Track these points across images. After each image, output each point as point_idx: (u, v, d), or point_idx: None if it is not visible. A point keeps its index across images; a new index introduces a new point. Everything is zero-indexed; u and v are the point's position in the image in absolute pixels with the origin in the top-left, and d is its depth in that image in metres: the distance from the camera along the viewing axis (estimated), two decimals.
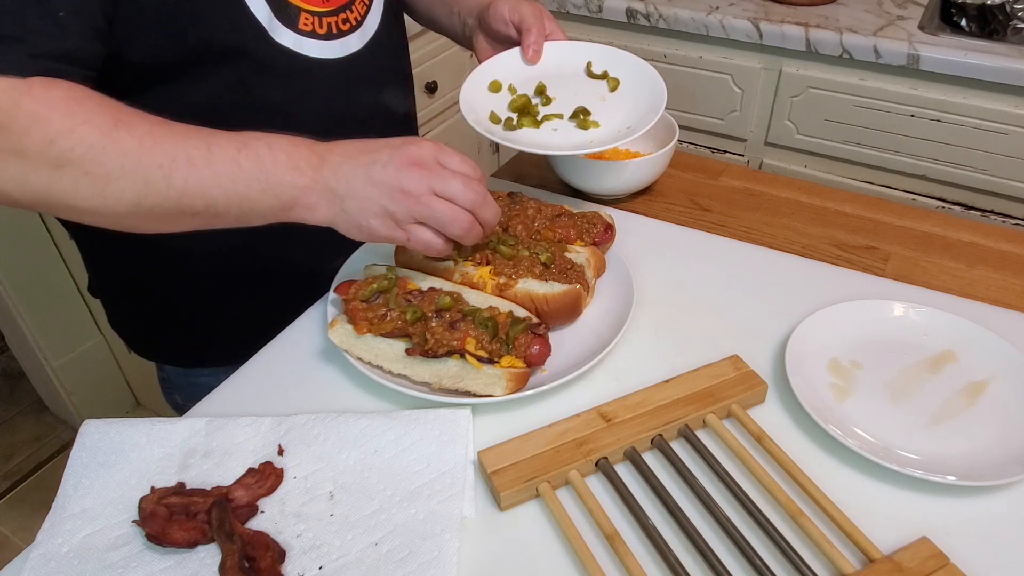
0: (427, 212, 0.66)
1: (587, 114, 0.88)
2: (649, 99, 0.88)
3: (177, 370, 0.99)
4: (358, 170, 0.65)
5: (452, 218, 0.67)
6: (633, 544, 0.59)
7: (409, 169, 0.65)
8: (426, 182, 0.66)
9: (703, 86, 1.72)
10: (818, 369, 0.74)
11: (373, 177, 0.65)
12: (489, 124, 0.86)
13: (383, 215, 0.66)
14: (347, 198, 0.65)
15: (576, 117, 0.88)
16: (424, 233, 0.67)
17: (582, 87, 0.92)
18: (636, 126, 0.85)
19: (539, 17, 0.90)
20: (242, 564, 0.56)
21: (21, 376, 2.12)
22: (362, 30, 0.83)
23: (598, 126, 0.87)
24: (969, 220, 1.00)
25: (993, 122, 1.47)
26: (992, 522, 0.61)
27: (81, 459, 0.65)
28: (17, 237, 1.71)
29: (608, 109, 0.89)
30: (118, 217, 0.63)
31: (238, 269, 0.88)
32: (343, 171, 0.65)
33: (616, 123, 0.87)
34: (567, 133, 0.87)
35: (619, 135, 0.84)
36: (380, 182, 0.65)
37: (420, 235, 0.67)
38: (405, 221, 0.66)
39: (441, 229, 0.68)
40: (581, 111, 0.88)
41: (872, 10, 1.61)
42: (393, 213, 0.66)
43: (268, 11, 0.73)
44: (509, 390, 0.69)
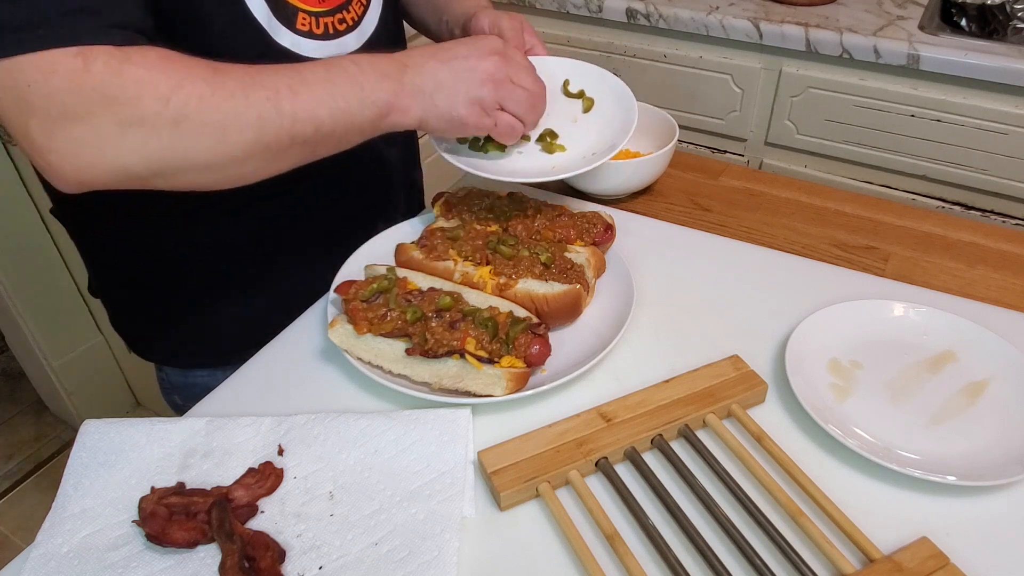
0: (511, 95, 0.73)
1: (554, 137, 0.85)
2: (621, 122, 0.85)
3: (176, 371, 0.98)
4: (442, 66, 0.71)
5: (531, 103, 0.75)
6: (633, 544, 0.59)
7: (489, 57, 0.72)
8: (504, 70, 0.73)
9: (703, 86, 1.72)
10: (818, 369, 0.74)
11: (456, 69, 0.71)
12: (451, 144, 0.84)
13: (472, 103, 0.72)
14: (436, 93, 0.70)
15: (543, 140, 0.85)
16: (509, 118, 0.75)
17: (555, 106, 0.87)
18: (600, 153, 0.81)
19: (518, 31, 0.88)
20: (242, 564, 0.56)
21: (21, 376, 2.12)
22: (359, 30, 0.83)
23: (564, 150, 0.84)
24: (969, 220, 1.00)
25: (993, 122, 1.47)
26: (992, 522, 0.61)
27: (81, 459, 0.65)
28: (17, 237, 1.71)
29: (577, 132, 0.86)
30: (237, 163, 0.64)
31: (238, 269, 0.88)
32: (427, 69, 0.71)
33: (583, 148, 0.84)
34: (531, 157, 0.84)
35: (583, 161, 0.81)
36: (465, 72, 0.71)
37: (506, 120, 0.75)
38: (491, 107, 0.73)
39: (520, 113, 0.75)
40: (548, 134, 0.85)
41: (872, 10, 1.61)
42: (481, 100, 0.72)
43: (267, 11, 0.73)
44: (509, 390, 0.69)
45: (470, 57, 0.72)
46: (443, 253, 0.81)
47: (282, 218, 0.87)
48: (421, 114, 0.71)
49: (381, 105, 0.68)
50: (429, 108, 0.71)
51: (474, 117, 0.72)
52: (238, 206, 0.83)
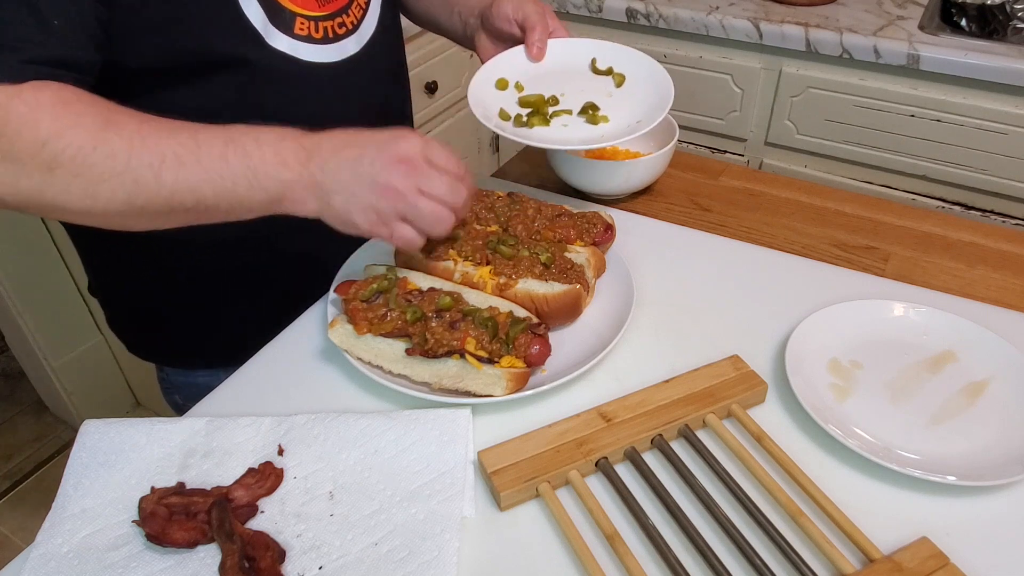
0: (412, 210, 0.67)
1: (596, 109, 0.88)
2: (655, 93, 0.89)
3: (176, 370, 0.99)
4: (344, 165, 0.66)
5: (436, 218, 0.68)
6: (633, 544, 0.59)
7: (396, 166, 0.66)
8: (412, 180, 0.66)
9: (703, 86, 1.72)
10: (818, 369, 0.74)
11: (360, 173, 0.65)
12: (499, 121, 0.86)
13: (368, 211, 0.66)
14: (333, 193, 0.66)
15: (585, 112, 0.88)
16: (407, 231, 0.68)
17: (588, 84, 0.92)
18: (645, 120, 0.85)
19: (542, 15, 0.90)
20: (242, 564, 0.56)
21: (21, 376, 2.12)
22: (358, 34, 0.82)
23: (608, 120, 0.87)
24: (969, 220, 1.00)
25: (993, 122, 1.47)
26: (992, 522, 0.61)
27: (81, 459, 0.65)
28: (17, 237, 1.71)
29: (616, 104, 0.89)
30: (109, 216, 0.63)
31: (237, 270, 0.88)
32: (330, 166, 0.66)
33: (625, 117, 0.87)
34: (577, 129, 0.87)
35: (629, 129, 0.85)
36: (367, 178, 0.65)
37: (402, 232, 0.68)
38: (390, 218, 0.67)
39: (422, 227, 0.69)
40: (590, 106, 0.88)
41: (872, 10, 1.61)
42: (379, 210, 0.66)
43: (263, 16, 0.73)
44: (509, 390, 0.69)
45: (375, 162, 0.66)
46: (443, 253, 0.81)
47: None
48: (316, 209, 0.67)
49: (273, 193, 0.65)
50: (324, 207, 0.67)
51: (368, 225, 0.67)
52: None
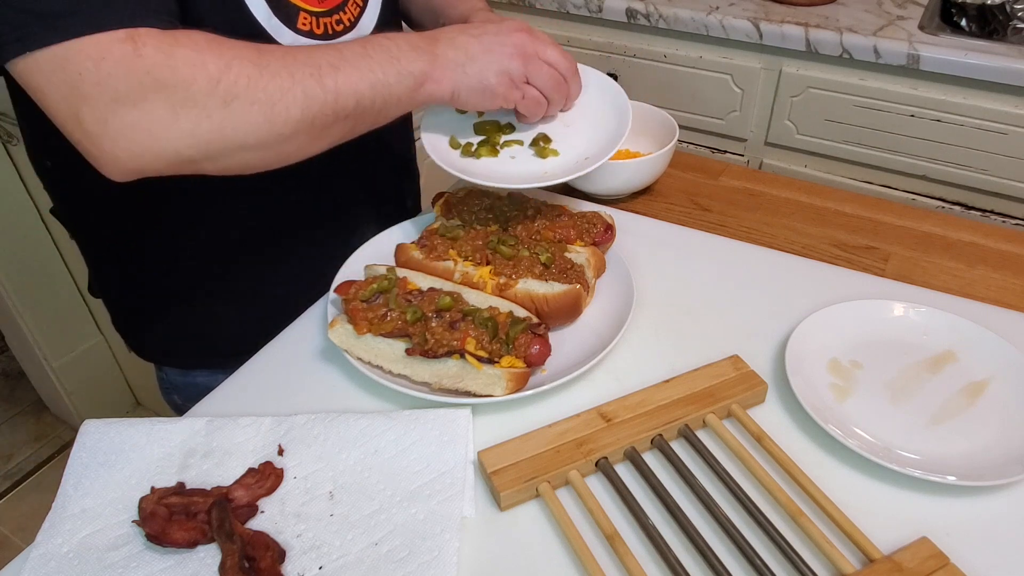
0: (538, 71, 0.76)
1: (548, 141, 0.84)
2: (615, 126, 0.84)
3: (176, 370, 0.98)
4: (472, 39, 0.74)
5: (556, 81, 0.78)
6: (633, 544, 0.59)
7: (517, 33, 0.76)
8: (533, 45, 0.76)
9: (703, 86, 1.72)
10: (818, 369, 0.74)
11: (487, 43, 0.74)
12: (447, 152, 0.84)
13: (501, 73, 0.74)
14: (467, 63, 0.73)
15: (536, 144, 0.84)
16: (535, 92, 0.77)
17: None
18: (593, 158, 0.81)
19: None
20: (242, 564, 0.56)
21: (21, 376, 2.12)
22: (357, 31, 0.83)
23: (557, 154, 0.83)
24: (969, 220, 1.00)
25: (993, 122, 1.47)
26: (992, 522, 0.61)
27: (81, 459, 0.65)
28: (17, 237, 1.71)
29: (571, 135, 0.85)
30: (284, 141, 0.65)
31: (238, 270, 0.88)
32: (459, 42, 0.74)
33: (577, 152, 0.83)
34: (524, 162, 0.83)
35: (576, 167, 0.81)
36: (496, 45, 0.74)
37: (533, 93, 0.77)
38: (520, 80, 0.76)
39: (547, 89, 0.78)
40: (542, 138, 0.84)
41: (872, 10, 1.61)
42: (510, 71, 0.75)
43: (267, 10, 0.73)
44: (509, 390, 0.69)
45: (499, 33, 0.75)
46: (443, 253, 0.81)
47: (282, 217, 0.87)
48: (453, 85, 0.73)
49: (417, 75, 0.71)
50: (460, 79, 0.73)
51: (503, 87, 0.75)
52: (239, 206, 0.83)
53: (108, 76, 0.56)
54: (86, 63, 0.56)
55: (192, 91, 0.59)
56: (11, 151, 1.64)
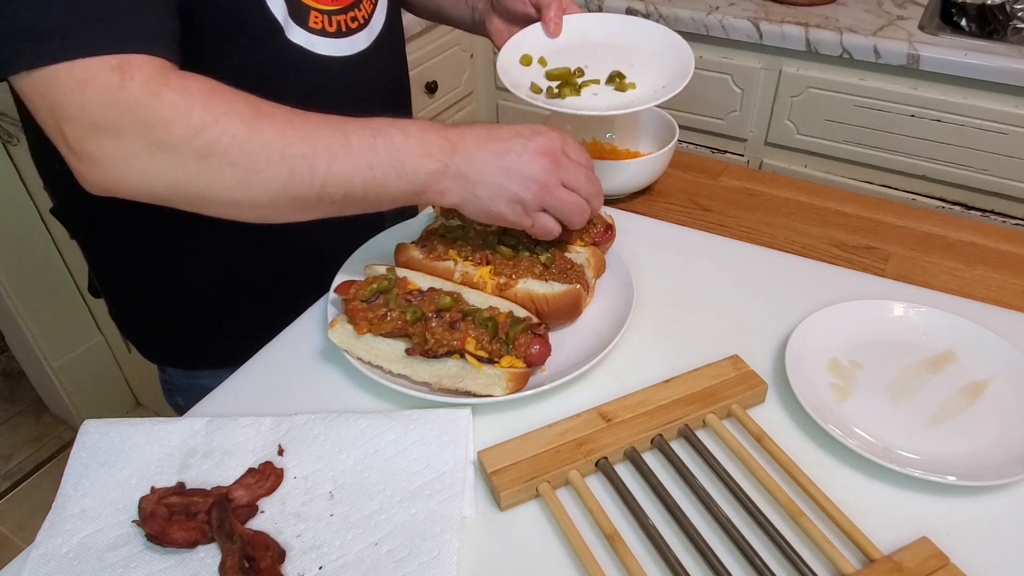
0: (554, 202, 0.71)
1: (623, 77, 0.90)
2: (676, 60, 0.91)
3: (179, 372, 0.98)
4: (490, 158, 0.68)
5: (577, 209, 0.72)
6: (633, 544, 0.59)
7: (540, 159, 0.69)
8: (555, 174, 0.70)
9: (703, 86, 1.72)
10: (818, 369, 0.74)
11: (505, 166, 0.68)
12: (530, 93, 0.88)
13: (513, 201, 0.70)
14: (479, 184, 0.69)
15: (612, 81, 0.90)
16: (548, 221, 0.72)
17: (609, 55, 0.94)
18: (671, 86, 0.87)
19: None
20: (242, 564, 0.56)
21: (21, 376, 2.12)
22: (369, 28, 0.83)
23: (635, 87, 0.89)
24: (969, 220, 1.00)
25: (993, 122, 1.47)
26: (992, 522, 0.61)
27: (81, 459, 0.65)
28: (17, 237, 1.71)
29: (639, 72, 0.91)
30: (260, 207, 0.64)
31: (243, 269, 0.88)
32: (475, 158, 0.68)
33: (651, 83, 0.89)
34: (607, 96, 0.89)
35: (656, 94, 0.86)
36: (513, 171, 0.69)
37: (544, 222, 0.72)
38: (532, 208, 0.71)
39: (563, 218, 0.72)
40: (617, 75, 0.90)
41: (872, 10, 1.61)
42: (523, 200, 0.70)
43: (284, 9, 0.73)
44: (509, 390, 0.69)
45: (523, 155, 0.69)
46: (443, 253, 0.81)
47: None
48: (459, 200, 0.70)
49: (419, 184, 0.67)
50: (469, 197, 0.69)
51: (513, 215, 0.71)
52: None
53: (90, 102, 0.56)
54: (71, 85, 0.56)
55: (171, 135, 0.58)
56: (11, 151, 1.64)
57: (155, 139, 0.58)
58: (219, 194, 0.61)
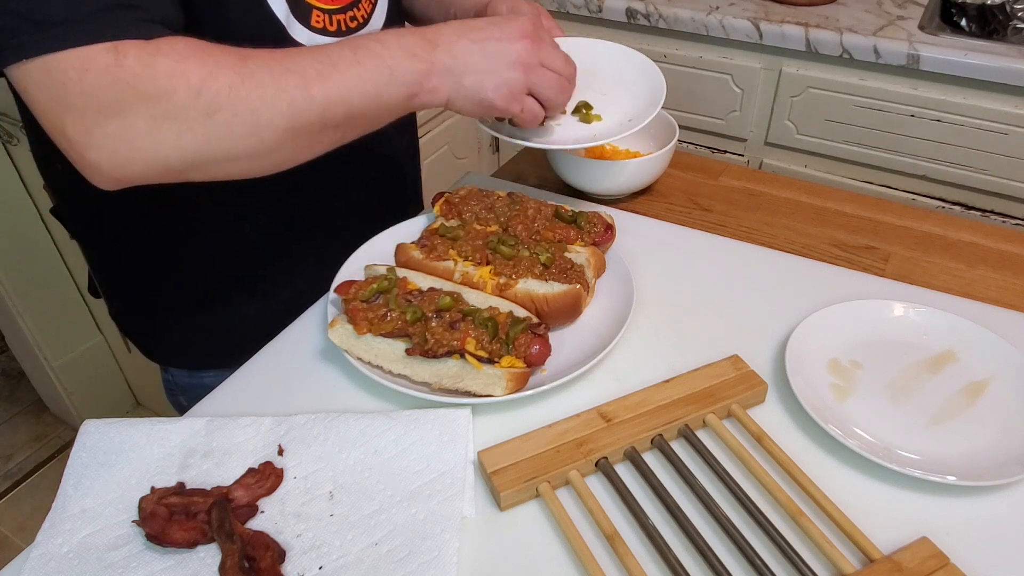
0: (539, 79, 0.73)
1: (589, 108, 0.88)
2: (648, 90, 0.89)
3: (183, 372, 0.98)
4: (472, 47, 0.70)
5: (560, 87, 0.75)
6: (633, 544, 0.59)
7: (520, 41, 0.71)
8: (536, 54, 0.72)
9: (703, 86, 1.72)
10: (818, 369, 0.74)
11: (488, 51, 0.70)
12: (494, 122, 0.87)
13: (500, 85, 0.71)
14: (465, 74, 0.70)
15: (578, 112, 0.88)
16: (534, 104, 0.74)
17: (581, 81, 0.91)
18: (637, 119, 0.85)
19: (537, 15, 0.91)
20: (242, 564, 0.56)
21: (21, 376, 2.12)
22: (369, 28, 0.83)
23: (600, 119, 0.88)
24: (969, 220, 1.00)
25: (993, 122, 1.47)
26: (992, 522, 0.61)
27: (81, 459, 0.65)
28: (17, 237, 1.71)
29: (609, 102, 0.89)
30: (271, 151, 0.64)
31: (245, 268, 0.88)
32: (457, 49, 0.69)
33: (617, 116, 0.88)
34: (571, 128, 0.87)
35: (620, 128, 0.85)
36: (496, 55, 0.70)
37: (531, 106, 0.74)
38: (519, 91, 0.72)
39: (547, 98, 0.75)
40: (583, 105, 0.88)
41: (872, 10, 1.61)
42: (510, 82, 0.71)
43: (286, 8, 0.73)
44: (509, 390, 0.69)
45: (502, 39, 0.71)
46: (443, 253, 0.81)
47: (287, 218, 0.87)
48: (449, 94, 0.71)
49: (410, 85, 0.68)
50: (457, 89, 0.70)
51: (502, 100, 0.72)
52: (244, 207, 0.83)
53: (91, 87, 0.56)
54: (70, 73, 0.56)
55: (174, 102, 0.58)
56: (11, 151, 1.64)
57: (159, 111, 0.58)
58: (231, 147, 0.61)
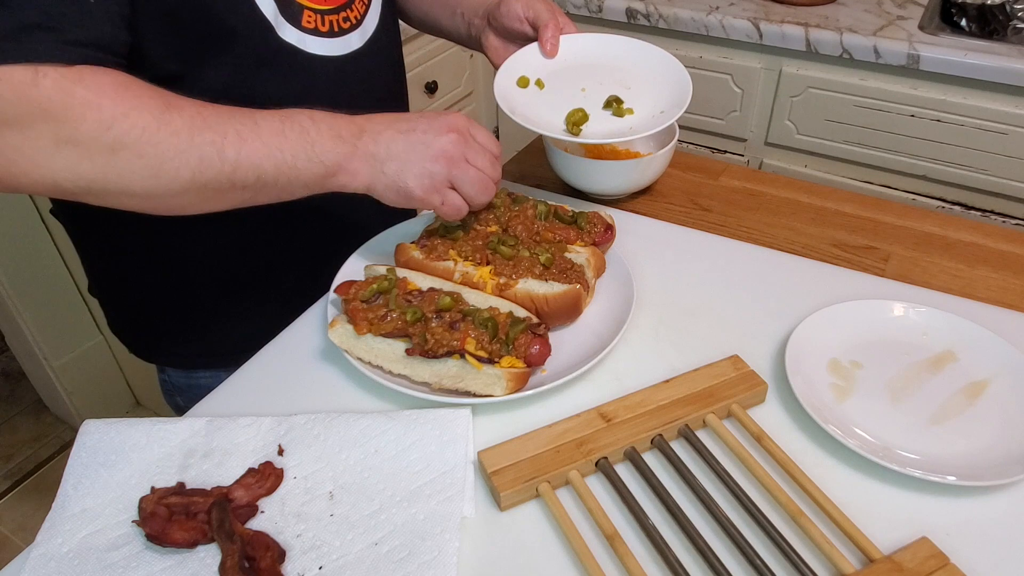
0: (462, 175, 0.72)
1: (620, 102, 0.89)
2: (673, 83, 0.90)
3: (178, 372, 0.98)
4: (398, 136, 0.71)
5: (483, 185, 0.73)
6: (633, 544, 0.59)
7: (447, 134, 0.71)
8: (461, 148, 0.72)
9: (703, 86, 1.72)
10: (818, 369, 0.74)
11: (412, 142, 0.70)
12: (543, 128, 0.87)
13: (422, 176, 0.71)
14: (387, 161, 0.70)
15: (609, 106, 0.89)
16: (456, 197, 0.73)
17: (605, 77, 0.93)
18: (668, 111, 0.86)
19: (553, 12, 0.91)
20: (242, 564, 0.56)
21: (21, 376, 2.12)
22: (362, 29, 0.83)
23: (633, 112, 0.89)
24: (969, 220, 1.00)
25: (993, 122, 1.47)
26: (992, 522, 0.61)
27: (81, 459, 0.65)
28: (17, 237, 1.71)
29: (636, 96, 0.90)
30: (171, 196, 0.64)
31: (241, 269, 0.88)
32: (383, 137, 0.70)
33: (648, 108, 0.89)
34: (605, 122, 0.88)
35: (655, 120, 0.86)
36: (420, 145, 0.70)
37: (452, 199, 0.73)
38: (442, 184, 0.72)
39: (468, 194, 0.73)
40: (614, 100, 0.89)
41: (872, 10, 1.61)
42: (432, 174, 0.71)
43: (274, 7, 0.73)
44: (509, 390, 0.69)
45: (428, 132, 0.71)
46: (443, 253, 0.81)
47: (284, 218, 0.87)
48: (369, 180, 0.70)
49: (329, 165, 0.68)
50: (378, 176, 0.70)
51: (422, 190, 0.71)
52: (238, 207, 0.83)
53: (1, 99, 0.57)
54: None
55: (78, 130, 0.58)
56: None
57: (64, 135, 0.58)
58: (130, 186, 0.62)
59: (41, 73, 0.57)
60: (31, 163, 0.59)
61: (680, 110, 0.85)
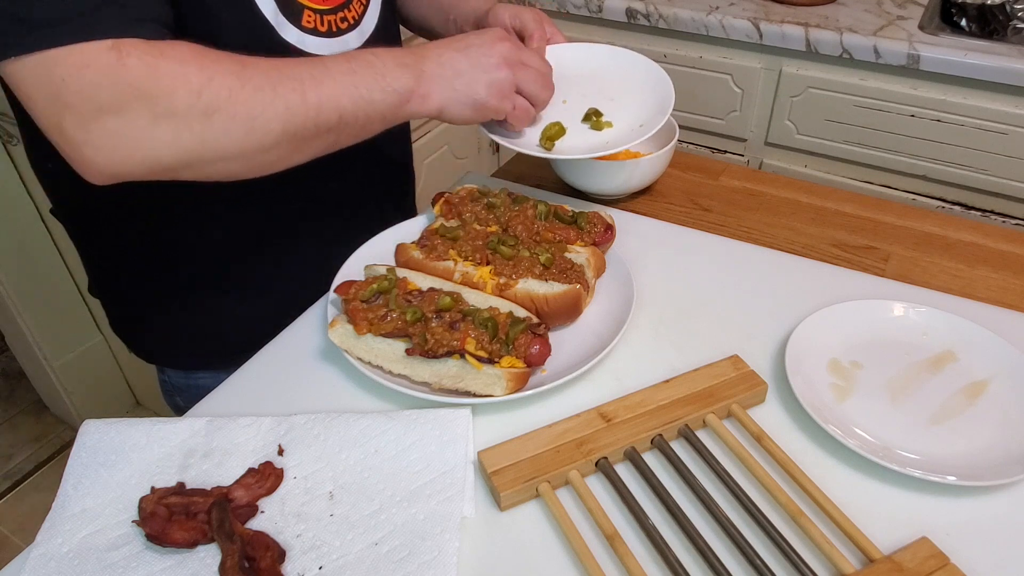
0: (525, 75, 0.77)
1: (599, 115, 0.88)
2: (656, 95, 0.89)
3: (178, 372, 0.98)
4: (457, 55, 0.74)
5: (544, 82, 0.80)
6: (633, 544, 0.59)
7: (500, 43, 0.76)
8: (517, 53, 0.77)
9: (703, 86, 1.72)
10: (818, 369, 0.74)
11: (474, 55, 0.74)
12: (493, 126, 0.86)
13: (491, 85, 0.75)
14: (455, 79, 0.73)
15: (588, 119, 0.89)
16: (524, 101, 0.79)
17: (588, 88, 0.92)
18: (648, 123, 0.86)
19: (540, 22, 0.91)
20: (242, 564, 0.56)
21: (21, 376, 2.12)
22: (360, 29, 0.83)
23: (611, 126, 0.88)
24: (969, 220, 1.00)
25: (993, 122, 1.47)
26: (992, 522, 0.61)
27: (81, 459, 0.65)
28: (17, 237, 1.71)
29: (618, 108, 0.90)
30: (264, 152, 0.65)
31: (240, 269, 0.88)
32: (445, 58, 0.74)
33: (628, 121, 0.88)
34: (582, 135, 0.88)
35: (632, 134, 0.85)
36: (481, 59, 0.75)
37: (522, 103, 0.79)
38: (509, 90, 0.77)
39: (533, 93, 0.79)
40: (593, 112, 0.89)
41: (872, 10, 1.61)
42: (499, 82, 0.75)
43: (274, 7, 0.74)
44: (509, 390, 0.69)
45: (483, 45, 0.75)
46: (443, 253, 0.81)
47: (284, 217, 0.87)
48: (441, 100, 0.73)
49: (402, 92, 0.71)
50: (449, 94, 0.73)
51: (495, 99, 0.75)
52: (240, 206, 0.83)
53: (91, 84, 0.57)
54: (69, 70, 0.57)
55: (173, 103, 0.59)
56: (11, 151, 1.64)
57: (160, 110, 0.59)
58: (226, 148, 0.63)
59: (124, 52, 0.58)
60: (133, 144, 0.60)
61: (657, 126, 0.84)
